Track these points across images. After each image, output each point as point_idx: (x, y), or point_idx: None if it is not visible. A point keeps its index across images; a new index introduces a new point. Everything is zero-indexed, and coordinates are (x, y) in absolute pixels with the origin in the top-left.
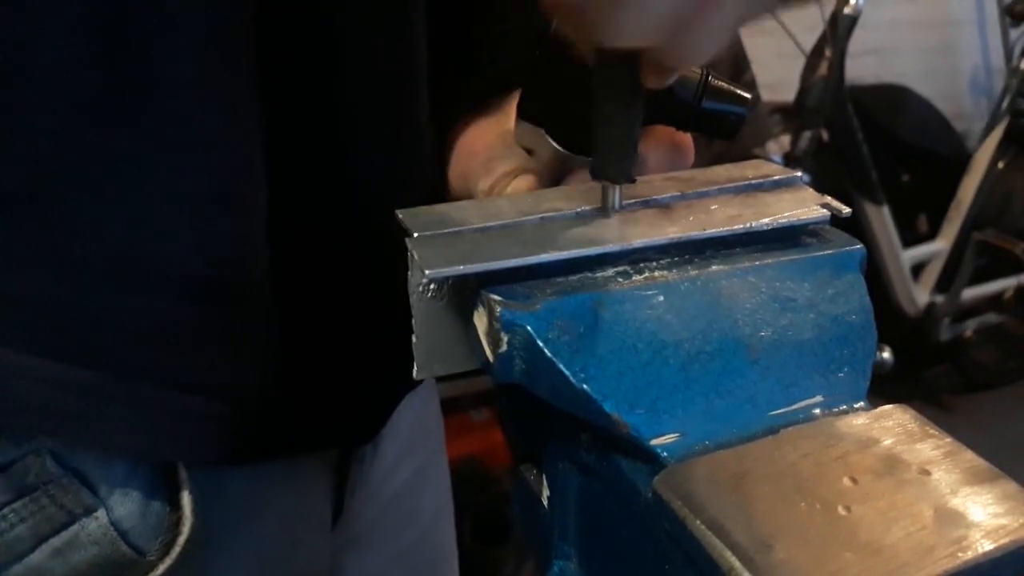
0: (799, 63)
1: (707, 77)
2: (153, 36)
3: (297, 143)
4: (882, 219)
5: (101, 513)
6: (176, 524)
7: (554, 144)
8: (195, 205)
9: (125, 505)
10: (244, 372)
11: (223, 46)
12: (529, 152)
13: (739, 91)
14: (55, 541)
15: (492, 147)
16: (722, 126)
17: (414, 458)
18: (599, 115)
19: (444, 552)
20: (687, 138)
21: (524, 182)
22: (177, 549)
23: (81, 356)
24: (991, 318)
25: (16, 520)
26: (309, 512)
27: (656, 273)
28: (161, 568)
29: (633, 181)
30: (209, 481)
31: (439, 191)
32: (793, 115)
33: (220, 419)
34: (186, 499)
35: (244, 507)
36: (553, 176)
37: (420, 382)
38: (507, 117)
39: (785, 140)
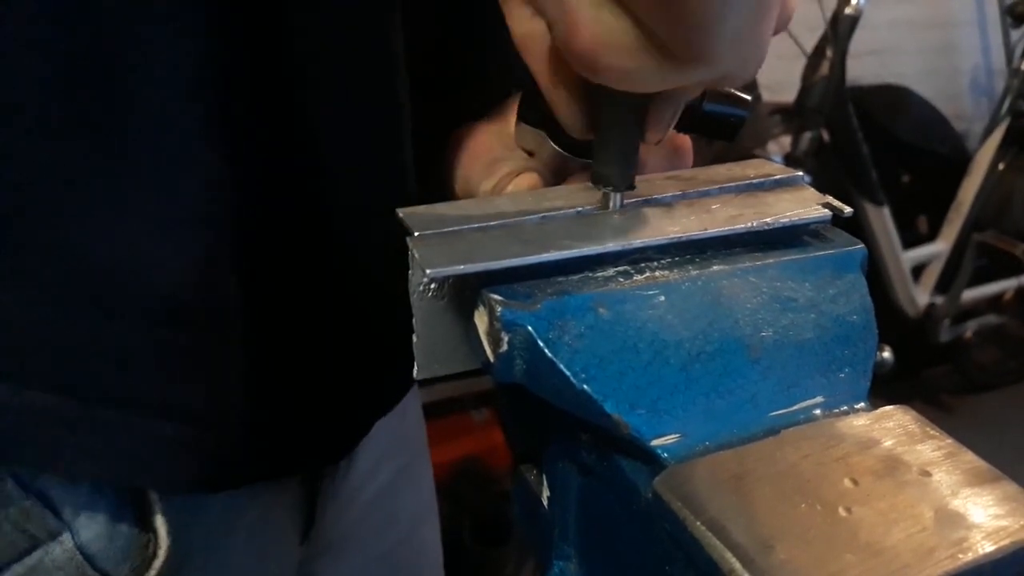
0: (800, 63)
1: None
2: (123, 58)
3: (270, 163)
4: (882, 220)
5: (66, 537)
6: (146, 546)
7: (555, 146)
8: (167, 227)
9: (91, 528)
10: (216, 397)
11: (195, 68)
12: (530, 154)
13: (740, 93)
14: (17, 568)
15: (493, 149)
16: (723, 128)
17: (392, 463)
18: (600, 121)
19: (426, 555)
20: (686, 140)
21: (526, 183)
22: (152, 573)
23: (46, 381)
24: (991, 319)
25: None
26: (278, 527)
27: (657, 273)
28: None
29: (633, 187)
30: (185, 503)
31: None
32: (794, 115)
33: (191, 446)
34: (159, 521)
35: (217, 528)
36: (554, 178)
37: (393, 407)
38: (508, 119)
39: (786, 140)
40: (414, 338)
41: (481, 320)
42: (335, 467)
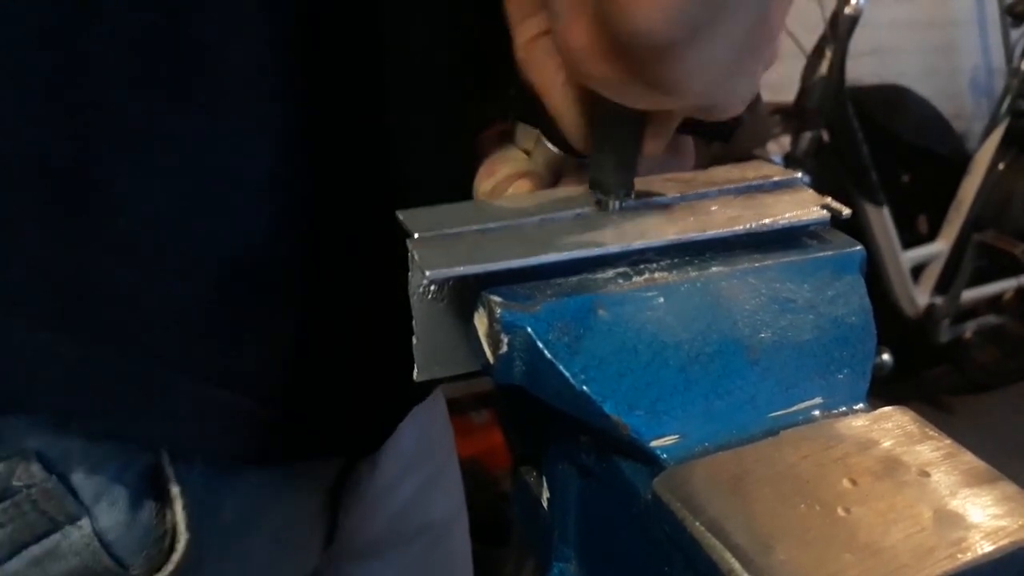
0: (799, 63)
1: None
2: (202, 14)
3: (342, 134)
4: (882, 220)
5: (85, 522)
6: (162, 538)
7: (549, 146)
8: (234, 188)
9: (110, 515)
10: (267, 367)
11: (277, 30)
12: (527, 153)
13: None
14: (35, 549)
15: (492, 149)
16: (719, 129)
17: (421, 471)
18: (597, 126)
19: (456, 559)
20: (688, 142)
21: (526, 185)
22: (171, 567)
23: (104, 337)
24: (991, 319)
25: None
26: (299, 532)
27: (656, 274)
28: None
29: (630, 196)
30: (204, 496)
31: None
32: (793, 116)
33: (240, 414)
34: (179, 514)
35: (237, 525)
36: (551, 176)
37: (428, 393)
38: (507, 117)
39: (785, 141)
40: (414, 340)
41: (481, 322)
42: (357, 474)
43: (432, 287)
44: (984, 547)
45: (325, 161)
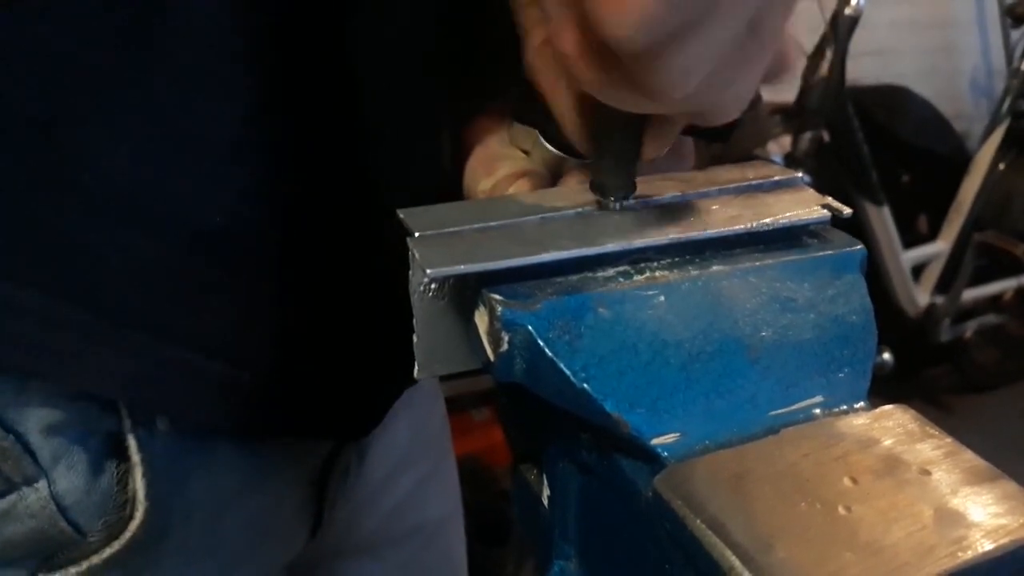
0: (799, 64)
1: None
2: None
3: (311, 98)
4: (882, 220)
5: (42, 484)
6: (123, 506)
7: (548, 146)
8: (201, 151)
9: (68, 479)
10: (239, 333)
11: None
12: (525, 152)
13: None
14: None
15: (491, 147)
16: (717, 129)
17: (416, 468)
18: (598, 130)
19: (451, 559)
20: (688, 142)
21: (526, 184)
22: (127, 535)
23: (76, 294)
24: (991, 319)
25: None
26: (280, 521)
27: (657, 273)
28: (107, 552)
29: (627, 199)
30: (168, 466)
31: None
32: (794, 116)
33: (205, 378)
34: (139, 482)
35: (206, 504)
36: (550, 176)
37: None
38: (506, 118)
39: (786, 141)
40: (414, 338)
41: (481, 320)
42: (344, 465)
43: (433, 285)
44: (985, 545)
45: (293, 131)
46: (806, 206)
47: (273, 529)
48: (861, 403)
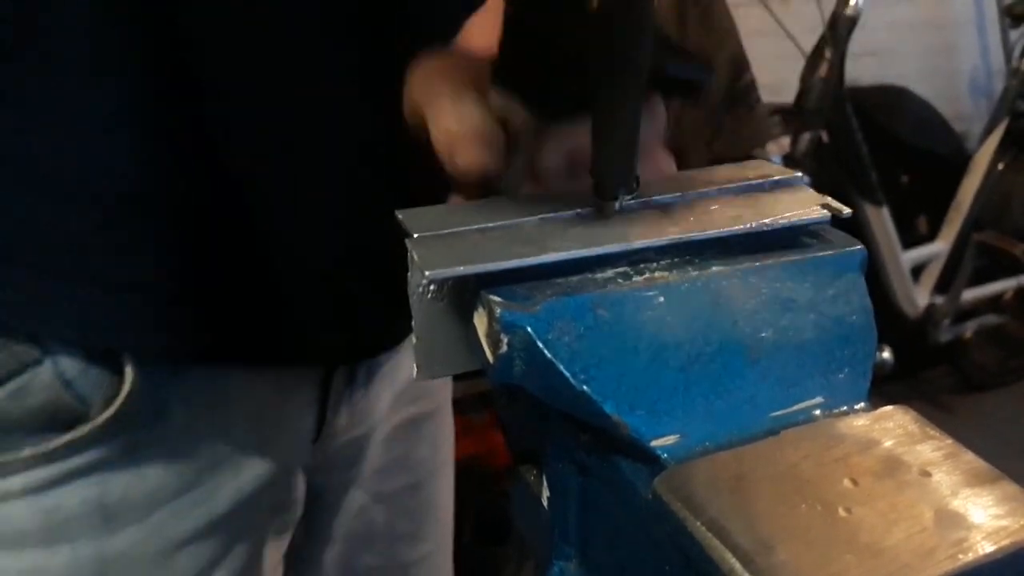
0: (799, 64)
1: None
2: None
3: (181, 66)
4: (882, 220)
5: (48, 364)
6: (119, 384)
7: (528, 113)
8: (95, 123)
9: (68, 362)
10: (179, 273)
11: None
12: (504, 121)
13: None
14: (10, 385)
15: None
16: (685, 88)
17: (410, 408)
18: (595, 130)
19: (435, 509)
20: (658, 102)
21: (483, 151)
22: (119, 401)
23: (26, 261)
24: (991, 319)
25: None
26: (283, 417)
27: (656, 274)
28: (101, 418)
29: (631, 194)
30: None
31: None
32: (793, 116)
33: (161, 317)
34: (128, 368)
35: (205, 392)
36: (527, 144)
37: (396, 347)
38: (460, 58)
39: (785, 141)
40: (413, 340)
41: (481, 322)
42: (351, 371)
43: (432, 287)
44: (985, 547)
45: (173, 93)
46: (806, 206)
47: (279, 422)
48: (861, 404)
